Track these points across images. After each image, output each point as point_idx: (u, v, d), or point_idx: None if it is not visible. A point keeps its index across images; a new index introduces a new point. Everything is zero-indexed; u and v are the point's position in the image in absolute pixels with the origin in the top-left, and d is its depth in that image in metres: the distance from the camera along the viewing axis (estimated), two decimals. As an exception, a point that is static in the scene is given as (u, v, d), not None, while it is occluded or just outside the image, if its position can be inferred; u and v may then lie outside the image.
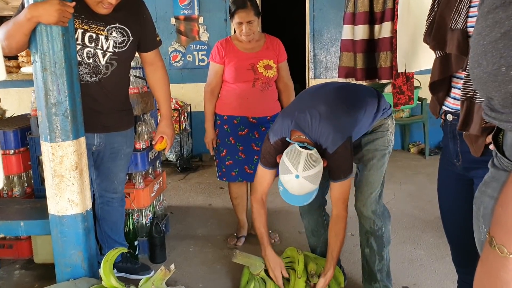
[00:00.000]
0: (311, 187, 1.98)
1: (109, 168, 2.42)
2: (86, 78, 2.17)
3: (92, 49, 2.15)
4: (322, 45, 5.67)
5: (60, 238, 2.02)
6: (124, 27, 2.21)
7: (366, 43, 1.99)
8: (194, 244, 3.08)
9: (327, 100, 2.12)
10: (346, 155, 2.04)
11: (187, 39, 5.65)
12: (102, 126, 2.28)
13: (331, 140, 2.03)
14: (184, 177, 4.92)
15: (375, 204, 2.19)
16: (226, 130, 2.93)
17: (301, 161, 1.96)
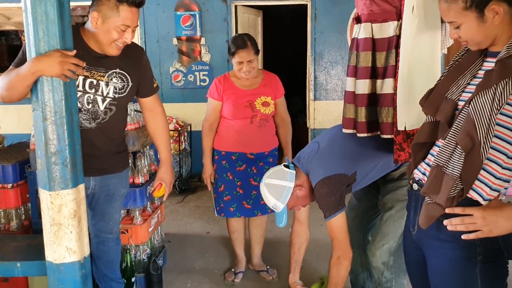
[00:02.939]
0: (270, 198, 2.16)
1: (105, 210, 2.41)
2: (85, 124, 2.17)
3: (92, 95, 2.15)
4: (323, 68, 5.68)
5: (57, 285, 2.01)
6: (124, 73, 2.21)
7: (368, 97, 1.98)
8: (191, 279, 3.08)
9: (332, 137, 2.21)
10: (324, 192, 2.07)
11: (188, 59, 5.67)
12: (97, 170, 2.27)
13: (314, 174, 2.13)
14: (183, 200, 4.92)
15: (388, 256, 2.14)
16: (224, 166, 2.94)
17: (271, 170, 2.23)
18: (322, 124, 5.75)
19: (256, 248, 3.18)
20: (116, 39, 2.05)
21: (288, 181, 2.14)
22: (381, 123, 1.95)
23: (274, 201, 2.15)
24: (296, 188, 2.16)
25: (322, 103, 5.73)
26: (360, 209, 2.39)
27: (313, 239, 3.63)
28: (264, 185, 2.18)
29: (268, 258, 3.27)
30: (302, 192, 2.18)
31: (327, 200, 2.06)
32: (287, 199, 2.14)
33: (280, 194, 2.14)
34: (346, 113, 2.07)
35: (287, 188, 2.14)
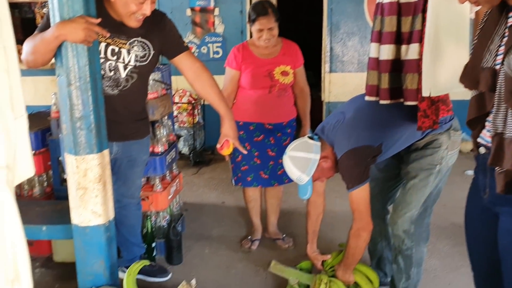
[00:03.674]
0: (295, 171, 2.16)
1: (127, 175, 2.46)
2: (108, 90, 2.20)
3: (113, 62, 2.17)
4: (339, 39, 5.62)
5: (83, 247, 2.07)
6: (146, 41, 2.22)
7: (391, 63, 1.96)
8: (209, 246, 3.14)
9: (358, 107, 2.18)
10: (349, 164, 2.07)
11: (202, 31, 5.64)
12: (120, 135, 2.31)
13: (339, 145, 2.11)
14: (197, 171, 4.97)
15: (409, 224, 2.15)
16: (242, 136, 2.94)
17: (294, 143, 2.21)
18: (337, 97, 5.72)
19: (272, 217, 3.22)
20: (134, 12, 2.05)
21: (313, 153, 2.13)
22: (404, 90, 1.93)
23: (299, 174, 2.15)
24: (321, 160, 2.14)
25: (338, 75, 5.69)
26: (380, 178, 2.40)
27: (328, 210, 3.66)
28: (288, 158, 2.17)
29: (284, 228, 3.31)
30: (327, 163, 2.17)
31: (351, 171, 2.06)
32: (313, 172, 2.14)
33: (305, 167, 2.13)
34: (369, 80, 2.05)
35: (312, 160, 2.13)
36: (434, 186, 2.14)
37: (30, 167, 1.63)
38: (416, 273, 2.23)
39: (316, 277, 2.30)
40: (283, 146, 2.95)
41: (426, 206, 2.16)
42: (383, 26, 1.98)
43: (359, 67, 5.65)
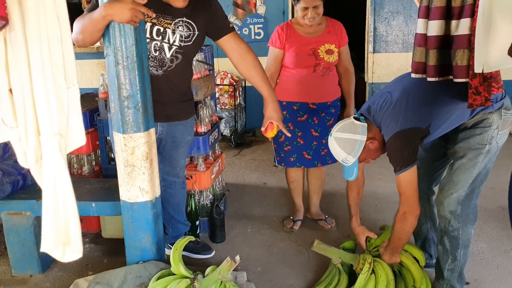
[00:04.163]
0: (341, 153, 2.13)
1: (171, 155, 2.51)
2: (153, 71, 2.23)
3: (159, 42, 2.20)
4: (383, 18, 5.48)
5: (131, 223, 2.14)
6: (191, 22, 2.23)
7: (440, 39, 1.89)
8: (251, 225, 3.17)
9: (406, 87, 2.12)
10: (397, 146, 2.03)
11: (243, 12, 5.62)
12: (164, 116, 2.33)
13: (387, 127, 2.07)
14: (239, 153, 5.01)
15: (455, 205, 2.10)
16: (285, 116, 2.92)
17: (340, 124, 2.18)
18: (381, 78, 5.61)
19: (314, 197, 3.21)
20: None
21: (360, 135, 2.10)
22: (454, 67, 1.86)
23: (345, 155, 2.13)
24: (368, 142, 2.11)
25: (381, 55, 5.57)
26: (425, 159, 2.35)
27: (371, 192, 3.65)
28: (333, 139, 2.15)
29: (326, 209, 3.30)
30: (373, 145, 2.14)
31: (399, 154, 2.02)
32: (359, 153, 2.11)
33: (352, 148, 2.11)
34: (416, 57, 1.99)
35: (359, 141, 2.10)
36: (483, 166, 2.07)
37: (82, 136, 1.69)
38: (463, 255, 2.17)
39: (359, 256, 2.29)
40: (327, 126, 2.94)
41: (473, 187, 2.10)
42: (431, 1, 1.91)
43: (403, 47, 5.49)
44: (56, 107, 1.57)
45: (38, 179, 1.64)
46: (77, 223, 1.69)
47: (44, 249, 1.65)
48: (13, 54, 1.50)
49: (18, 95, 1.53)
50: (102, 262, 2.73)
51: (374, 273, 2.21)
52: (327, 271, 2.43)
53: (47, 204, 1.63)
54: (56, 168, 1.59)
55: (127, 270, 2.11)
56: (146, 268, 2.10)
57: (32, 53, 1.50)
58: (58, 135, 1.59)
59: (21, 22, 1.48)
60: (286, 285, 2.45)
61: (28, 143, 1.57)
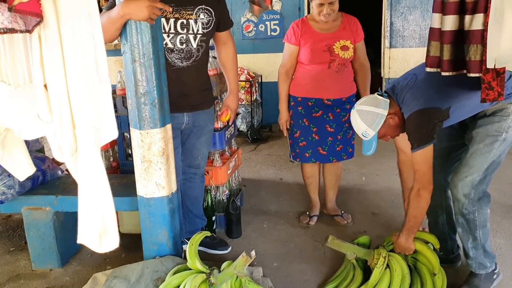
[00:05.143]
0: (361, 125, 2.19)
1: (194, 145, 2.56)
2: (178, 63, 2.30)
3: (184, 35, 2.28)
4: (400, 13, 5.44)
5: (147, 218, 2.17)
6: (209, 8, 2.33)
7: (455, 33, 1.88)
8: (267, 220, 3.18)
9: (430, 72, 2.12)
10: (416, 123, 2.07)
11: (259, 9, 5.63)
12: (190, 106, 2.42)
13: (409, 105, 2.12)
14: (255, 148, 5.03)
15: (469, 188, 2.12)
16: (300, 112, 2.94)
17: (364, 98, 2.26)
18: (397, 73, 5.56)
19: (330, 193, 3.21)
20: None
21: (381, 109, 2.16)
22: (468, 61, 1.86)
23: (365, 128, 2.18)
24: (388, 116, 2.16)
25: (398, 50, 5.52)
26: (442, 150, 2.36)
27: (388, 187, 3.64)
28: (356, 112, 2.21)
29: (342, 204, 3.30)
30: (394, 121, 2.19)
31: (418, 131, 2.06)
32: (379, 127, 2.16)
33: (372, 121, 2.16)
34: (430, 51, 1.98)
35: (380, 115, 2.15)
36: (498, 154, 2.11)
37: (114, 129, 1.73)
38: (482, 234, 2.19)
39: (374, 251, 2.28)
40: (342, 122, 2.94)
41: (486, 174, 2.13)
42: (446, -4, 1.89)
43: (420, 41, 5.44)
44: (90, 101, 1.62)
45: (73, 172, 1.68)
46: (113, 213, 1.73)
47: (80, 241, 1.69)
48: (48, 50, 1.54)
49: (53, 90, 1.57)
50: (120, 257, 2.77)
51: (389, 268, 2.21)
52: (341, 266, 2.43)
53: (83, 196, 1.67)
54: (92, 160, 1.64)
55: (144, 264, 2.14)
56: (162, 263, 2.13)
57: (67, 49, 1.55)
58: (92, 128, 1.63)
59: (56, 19, 1.52)
60: (301, 281, 2.46)
61: (64, 136, 1.61)
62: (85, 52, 1.58)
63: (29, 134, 1.80)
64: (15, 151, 1.86)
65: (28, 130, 1.75)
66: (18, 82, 1.72)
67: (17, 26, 1.48)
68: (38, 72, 1.57)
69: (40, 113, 1.64)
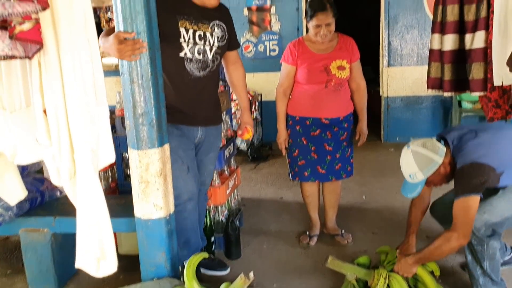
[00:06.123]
0: (413, 166, 2.14)
1: (201, 161, 2.56)
2: (196, 72, 2.37)
3: (201, 46, 2.36)
4: (397, 32, 5.49)
5: (145, 239, 2.15)
6: (222, 23, 2.44)
7: (455, 53, 1.90)
8: (267, 241, 3.16)
9: (496, 130, 2.18)
10: (468, 172, 2.06)
11: (259, 29, 5.69)
12: (204, 119, 2.47)
13: (466, 155, 2.10)
14: (255, 167, 5.02)
15: (482, 224, 2.11)
16: (298, 131, 2.95)
17: (421, 140, 2.21)
18: (396, 91, 5.59)
19: (330, 212, 3.19)
20: None
21: (438, 156, 2.13)
22: (471, 80, 1.87)
23: (416, 170, 2.15)
24: (442, 165, 2.15)
25: (396, 69, 5.56)
26: None
27: (388, 206, 3.62)
28: (410, 152, 2.18)
29: (342, 223, 3.27)
30: (444, 170, 2.17)
31: (467, 180, 2.05)
32: (430, 173, 2.14)
33: (426, 165, 2.13)
34: (431, 72, 2.01)
35: (435, 162, 2.13)
36: None
37: (111, 153, 1.74)
38: (490, 265, 2.18)
39: (374, 272, 2.26)
40: (340, 141, 2.94)
41: (504, 221, 2.13)
42: (444, 16, 1.92)
43: (418, 60, 5.48)
44: (88, 125, 1.63)
45: (71, 196, 1.68)
46: (111, 237, 1.72)
47: (78, 265, 1.68)
48: (47, 76, 1.57)
49: (52, 114, 1.59)
50: (118, 279, 2.73)
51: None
52: (342, 287, 2.40)
53: (81, 219, 1.67)
54: (90, 184, 1.64)
55: (142, 286, 2.12)
56: (160, 285, 2.11)
57: (66, 74, 1.57)
58: (91, 152, 1.64)
59: (56, 46, 1.55)
60: (301, 302, 2.43)
61: (62, 160, 1.62)
62: (84, 77, 1.60)
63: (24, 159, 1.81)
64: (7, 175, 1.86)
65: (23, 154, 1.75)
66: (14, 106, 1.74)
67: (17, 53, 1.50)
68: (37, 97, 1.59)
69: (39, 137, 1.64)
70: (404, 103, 5.64)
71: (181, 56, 2.31)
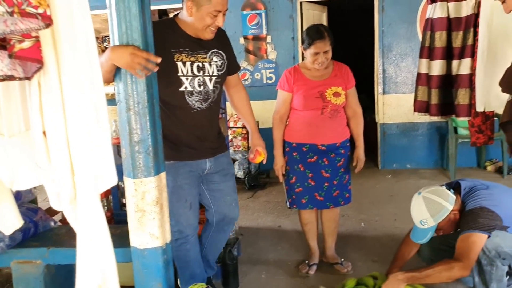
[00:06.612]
0: (424, 212, 2.22)
1: (223, 190, 2.52)
2: (198, 105, 2.33)
3: (201, 77, 2.31)
4: (392, 60, 5.55)
5: (141, 270, 2.10)
6: (220, 51, 2.38)
7: (442, 78, 1.93)
8: (265, 271, 3.10)
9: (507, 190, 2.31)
10: (477, 214, 2.13)
11: (255, 58, 5.74)
12: (210, 151, 2.43)
13: (478, 201, 2.19)
14: (253, 195, 4.98)
15: (493, 247, 2.14)
16: (295, 157, 2.94)
17: (432, 187, 2.31)
18: (392, 118, 5.61)
19: (329, 240, 3.15)
20: (210, 24, 2.21)
21: (448, 203, 2.22)
22: (456, 105, 1.89)
23: (427, 216, 2.22)
24: (452, 212, 2.22)
25: (391, 96, 5.60)
26: None
27: (387, 233, 3.58)
28: (422, 198, 2.25)
29: (342, 252, 3.23)
30: (454, 217, 2.25)
31: (475, 218, 2.12)
32: (441, 219, 2.21)
33: (437, 212, 2.21)
34: (418, 96, 2.03)
35: (445, 209, 2.21)
36: None
37: (114, 175, 1.70)
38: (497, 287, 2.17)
39: None
40: (337, 167, 2.93)
41: None
42: (432, 41, 1.95)
43: (413, 87, 5.40)
44: (89, 148, 1.60)
45: (72, 221, 1.64)
46: (114, 264, 1.67)
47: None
48: (47, 96, 1.54)
49: (52, 137, 1.56)
50: (113, 311, 2.66)
51: None
52: None
53: (82, 245, 1.62)
54: (92, 208, 1.60)
55: (138, 318, 2.05)
56: (157, 316, 2.05)
57: (67, 95, 1.54)
58: (92, 175, 1.61)
59: (56, 66, 1.52)
60: (301, 333, 2.37)
61: (63, 184, 1.58)
62: (85, 98, 1.58)
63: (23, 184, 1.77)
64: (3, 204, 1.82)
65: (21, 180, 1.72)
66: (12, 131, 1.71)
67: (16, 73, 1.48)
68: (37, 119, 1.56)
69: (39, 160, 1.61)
70: (400, 130, 5.66)
71: (182, 90, 2.28)
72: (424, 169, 5.53)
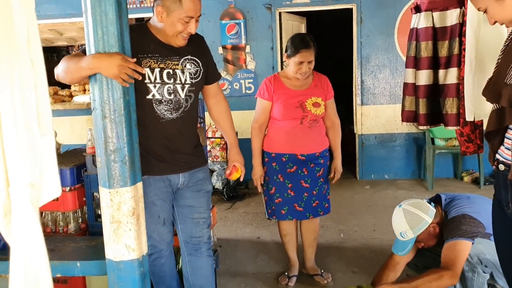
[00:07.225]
0: (404, 224, 2.25)
1: (193, 207, 2.35)
2: (167, 115, 2.18)
3: (171, 85, 2.18)
4: (370, 72, 5.59)
5: (117, 283, 2.03)
6: (195, 58, 2.24)
7: (429, 88, 1.92)
8: (244, 283, 3.05)
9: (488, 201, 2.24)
10: (460, 221, 2.15)
11: (234, 68, 5.72)
12: (185, 165, 2.27)
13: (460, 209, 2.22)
14: (231, 206, 4.92)
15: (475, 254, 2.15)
16: (275, 168, 2.91)
17: (412, 200, 2.35)
18: (370, 129, 5.64)
19: (309, 251, 3.12)
20: (181, 31, 2.11)
21: (428, 216, 2.24)
22: (444, 115, 1.89)
23: (407, 229, 2.24)
24: (431, 225, 2.25)
25: (369, 108, 5.63)
26: None
27: (366, 244, 3.57)
28: (402, 210, 2.28)
29: (321, 263, 3.20)
30: (433, 231, 2.27)
31: (458, 225, 2.14)
32: (420, 232, 2.24)
33: (416, 224, 2.23)
34: (406, 106, 2.01)
35: (425, 221, 2.24)
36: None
37: (57, 187, 1.60)
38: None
39: None
40: (316, 177, 2.91)
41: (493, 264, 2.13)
42: (418, 51, 1.95)
43: (391, 99, 5.58)
44: (28, 157, 1.50)
45: (6, 235, 1.54)
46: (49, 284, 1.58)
47: None
48: None
49: None
50: (86, 326, 2.58)
51: None
52: None
53: (15, 262, 1.52)
54: (27, 222, 1.50)
55: (112, 334, 1.97)
56: (132, 332, 1.97)
57: (2, 99, 1.44)
58: (29, 186, 1.50)
59: None
60: None
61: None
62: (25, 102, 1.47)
63: None
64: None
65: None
66: None
67: None
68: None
69: None
70: (378, 141, 5.70)
71: (149, 98, 2.14)
72: (402, 180, 5.57)
